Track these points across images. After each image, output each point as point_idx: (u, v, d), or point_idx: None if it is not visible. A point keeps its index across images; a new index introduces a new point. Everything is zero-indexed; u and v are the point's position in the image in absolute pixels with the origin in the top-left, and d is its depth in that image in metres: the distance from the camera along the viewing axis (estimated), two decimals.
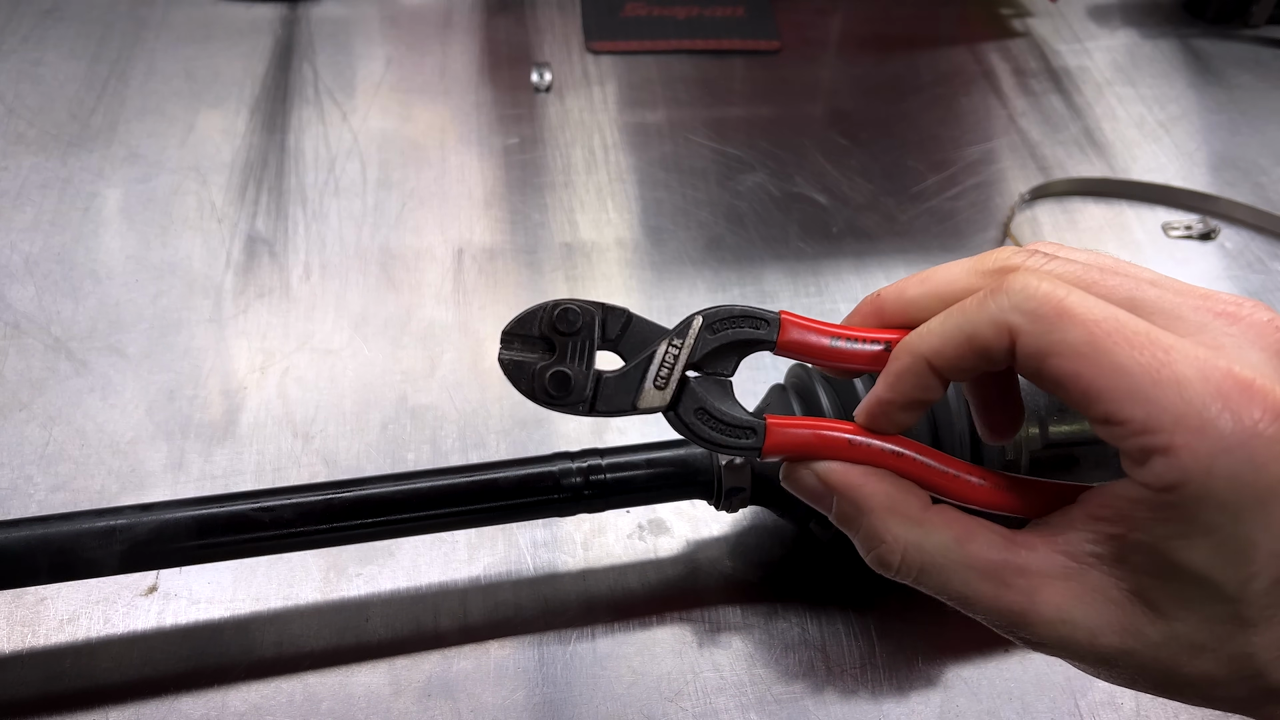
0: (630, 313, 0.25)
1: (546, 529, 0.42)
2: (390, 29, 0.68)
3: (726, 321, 0.25)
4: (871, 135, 0.63)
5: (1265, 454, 0.20)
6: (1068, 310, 0.21)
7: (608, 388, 0.25)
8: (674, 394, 0.25)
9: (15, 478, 0.42)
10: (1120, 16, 0.76)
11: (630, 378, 0.25)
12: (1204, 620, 0.22)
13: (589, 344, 0.25)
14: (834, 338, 0.25)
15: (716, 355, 0.25)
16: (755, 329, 0.25)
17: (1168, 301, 0.22)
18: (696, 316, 0.25)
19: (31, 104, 0.60)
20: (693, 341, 0.25)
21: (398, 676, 0.37)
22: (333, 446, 0.45)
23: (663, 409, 0.25)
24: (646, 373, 0.25)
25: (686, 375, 0.25)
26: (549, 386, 0.25)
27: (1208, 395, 0.20)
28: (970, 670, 0.39)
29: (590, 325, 0.25)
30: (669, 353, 0.25)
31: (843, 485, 0.24)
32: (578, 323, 0.25)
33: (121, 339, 0.48)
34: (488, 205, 0.57)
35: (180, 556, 0.34)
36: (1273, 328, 0.22)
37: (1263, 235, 0.59)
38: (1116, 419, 0.21)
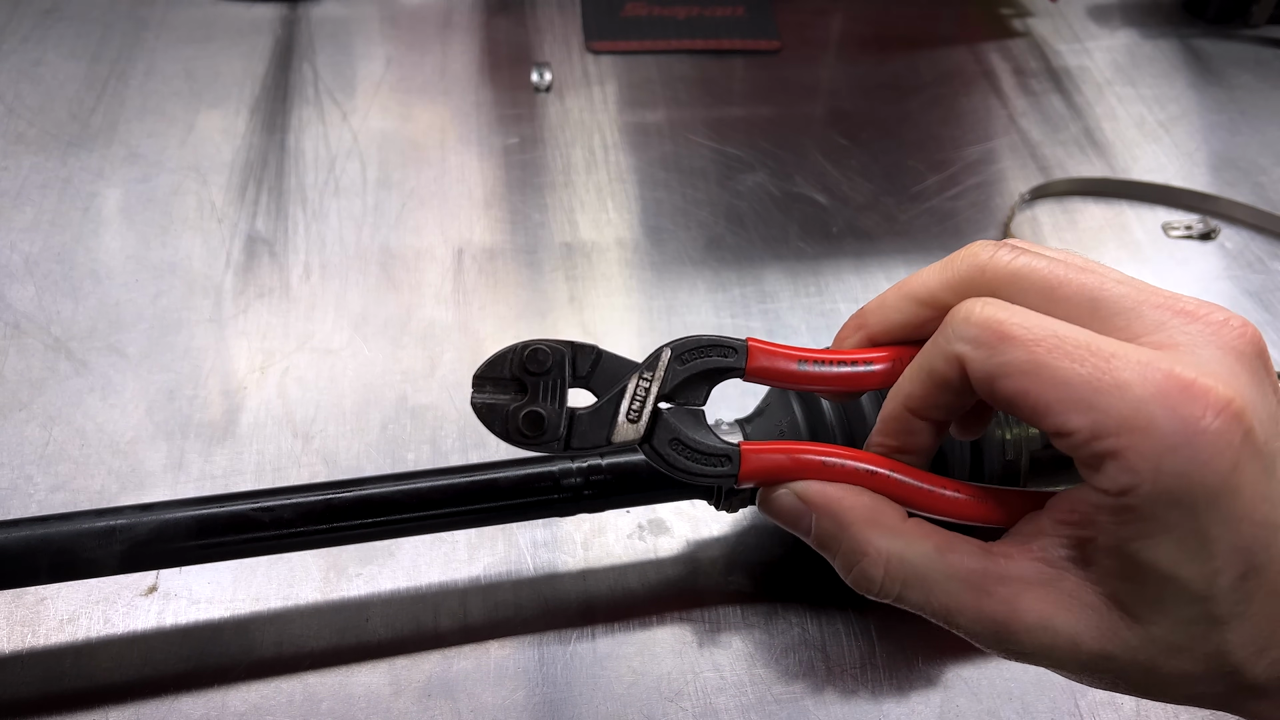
0: (599, 349, 0.26)
1: (546, 529, 0.42)
2: (390, 29, 0.68)
3: (695, 352, 0.25)
4: (871, 135, 0.63)
5: (1210, 450, 0.20)
6: (1007, 333, 0.22)
7: (581, 424, 0.25)
8: (647, 427, 0.25)
9: (15, 477, 0.42)
10: (1120, 16, 0.76)
11: (603, 413, 0.25)
12: (1178, 621, 0.22)
13: (560, 382, 0.26)
14: (801, 361, 0.25)
15: (687, 386, 0.25)
16: (724, 357, 0.25)
17: (1130, 300, 0.23)
18: (665, 349, 0.25)
19: (31, 104, 0.60)
20: (663, 374, 0.25)
21: (398, 676, 0.37)
22: (333, 446, 0.45)
23: (637, 442, 0.25)
24: (619, 408, 0.25)
25: (659, 407, 0.25)
26: (523, 427, 0.25)
27: (1149, 397, 0.20)
28: (970, 670, 0.39)
29: (560, 364, 0.26)
30: (640, 386, 0.25)
31: (822, 502, 0.25)
32: (547, 362, 0.25)
33: (121, 339, 0.48)
34: (488, 205, 0.57)
35: (180, 556, 0.34)
36: (1229, 327, 0.22)
37: (1263, 235, 0.59)
38: (1065, 430, 0.22)
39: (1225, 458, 0.20)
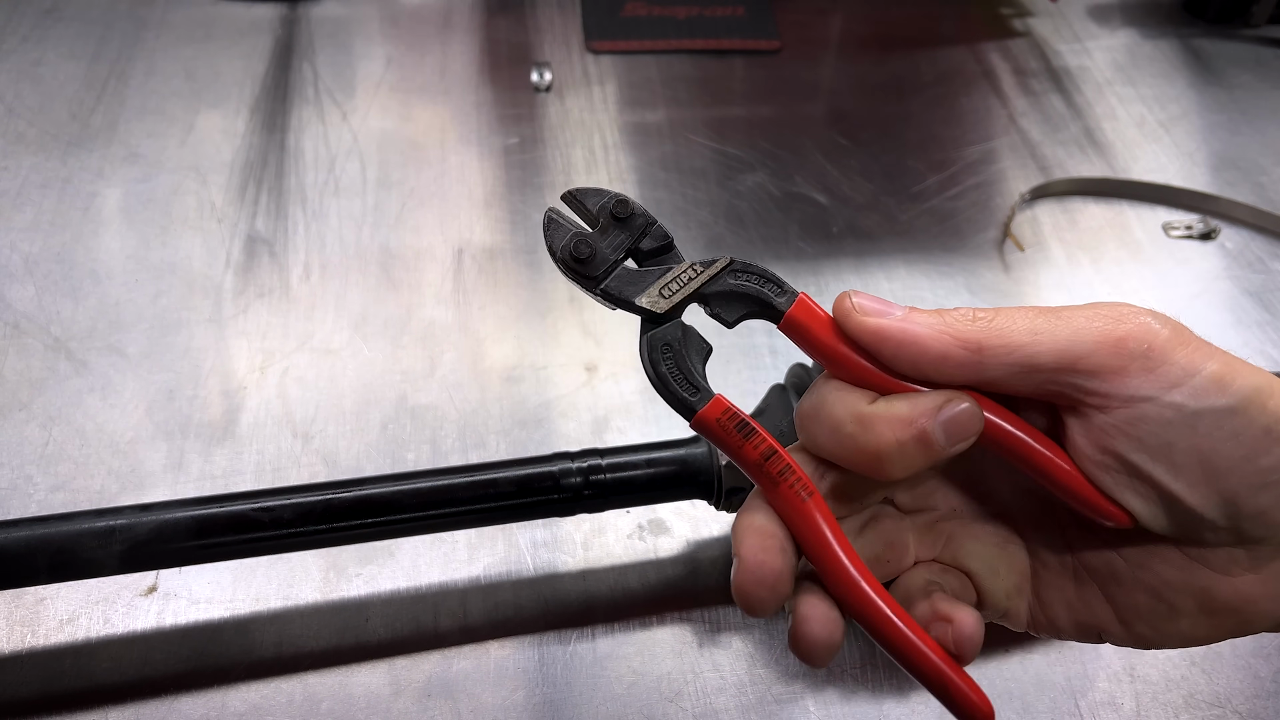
0: (673, 241, 0.26)
1: (546, 529, 0.42)
2: (390, 29, 0.68)
3: (751, 274, 0.26)
4: (872, 135, 0.63)
5: (1145, 325, 0.23)
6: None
7: (621, 278, 0.26)
8: (670, 309, 0.26)
9: (15, 477, 0.42)
10: (1121, 16, 0.76)
11: (644, 277, 0.26)
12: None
13: (629, 239, 0.26)
14: (838, 343, 0.25)
15: (727, 298, 0.26)
16: (772, 294, 0.26)
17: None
18: (727, 256, 0.26)
19: (31, 104, 0.60)
20: (714, 273, 0.26)
21: (397, 676, 0.37)
22: (332, 446, 0.45)
23: (655, 315, 0.26)
24: (661, 279, 0.26)
25: (689, 305, 0.26)
26: (573, 252, 0.25)
27: (1086, 326, 0.23)
28: (970, 670, 0.39)
29: (642, 228, 0.26)
30: (687, 273, 0.26)
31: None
32: (633, 219, 0.26)
33: (121, 339, 0.48)
34: (488, 205, 0.57)
35: (180, 556, 0.34)
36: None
37: (1263, 235, 0.59)
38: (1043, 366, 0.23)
39: (1160, 325, 0.23)
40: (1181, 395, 0.23)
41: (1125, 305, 0.24)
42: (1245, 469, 0.23)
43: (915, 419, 0.23)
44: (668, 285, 0.26)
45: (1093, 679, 0.39)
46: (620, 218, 0.26)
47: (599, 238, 0.26)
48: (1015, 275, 0.56)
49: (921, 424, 0.23)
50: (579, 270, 0.25)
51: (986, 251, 0.57)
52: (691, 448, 0.37)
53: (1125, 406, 0.23)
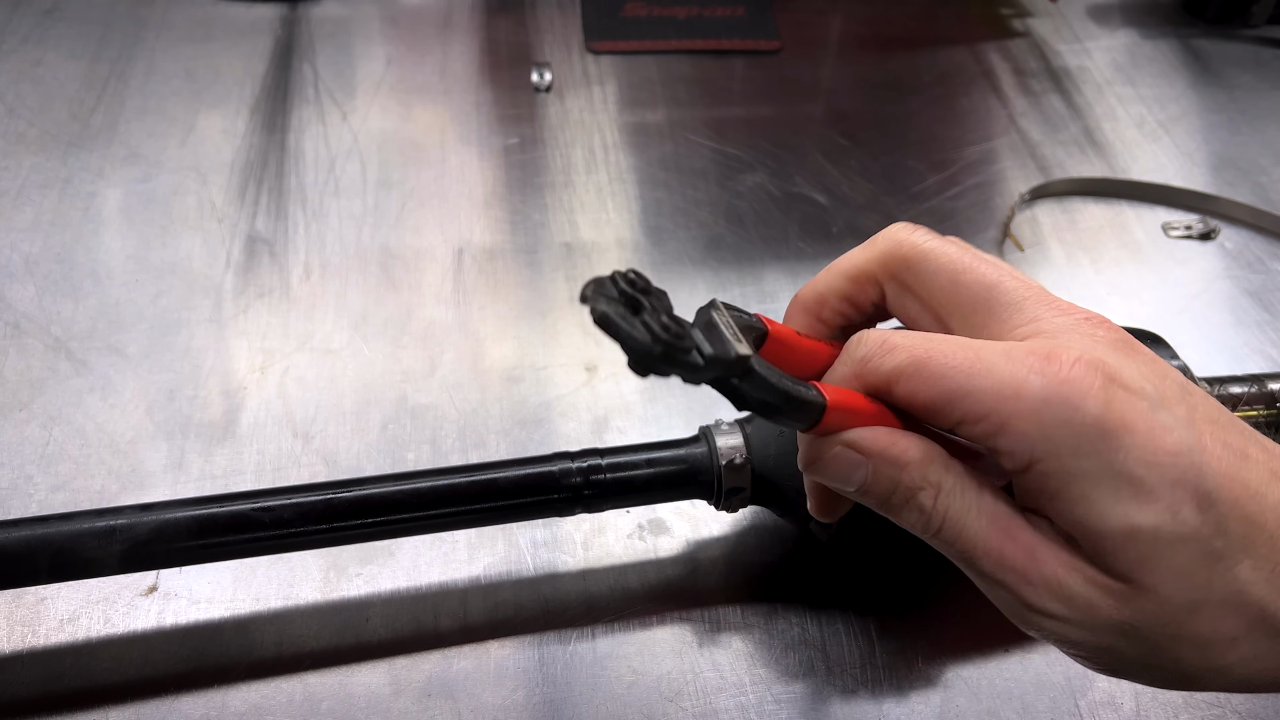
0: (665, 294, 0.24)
1: (546, 529, 0.42)
2: (390, 29, 0.68)
3: (735, 311, 0.26)
4: (871, 135, 0.63)
5: (1077, 391, 0.22)
6: (893, 343, 0.25)
7: (700, 340, 0.23)
8: (751, 346, 0.25)
9: (15, 477, 0.42)
10: (1120, 16, 0.76)
11: (711, 335, 0.23)
12: (1175, 572, 0.22)
13: (666, 303, 0.23)
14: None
15: (743, 332, 0.25)
16: (752, 323, 0.26)
17: (1019, 294, 0.26)
18: (716, 301, 0.25)
19: (31, 104, 0.60)
20: (730, 315, 0.25)
21: (398, 676, 0.37)
22: (333, 446, 0.45)
23: (751, 357, 0.24)
24: (722, 331, 0.23)
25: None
26: (670, 329, 0.21)
27: (1015, 368, 0.23)
28: (970, 670, 0.39)
29: (660, 292, 0.24)
30: (724, 318, 0.24)
31: (879, 449, 0.25)
32: (650, 286, 0.23)
33: (122, 339, 0.48)
34: (488, 205, 0.57)
35: (181, 556, 0.34)
36: (1094, 322, 0.25)
37: (1263, 235, 0.59)
38: (954, 419, 0.24)
39: (1094, 395, 0.22)
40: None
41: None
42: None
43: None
44: (733, 333, 0.24)
45: (1093, 679, 0.39)
46: (645, 290, 0.22)
47: (658, 312, 0.22)
48: None
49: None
50: (681, 346, 0.21)
51: (986, 252, 0.57)
52: (692, 447, 0.37)
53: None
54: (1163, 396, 0.23)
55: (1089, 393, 0.22)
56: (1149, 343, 0.39)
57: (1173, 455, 0.22)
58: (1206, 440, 0.23)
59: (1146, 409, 0.23)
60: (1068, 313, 0.25)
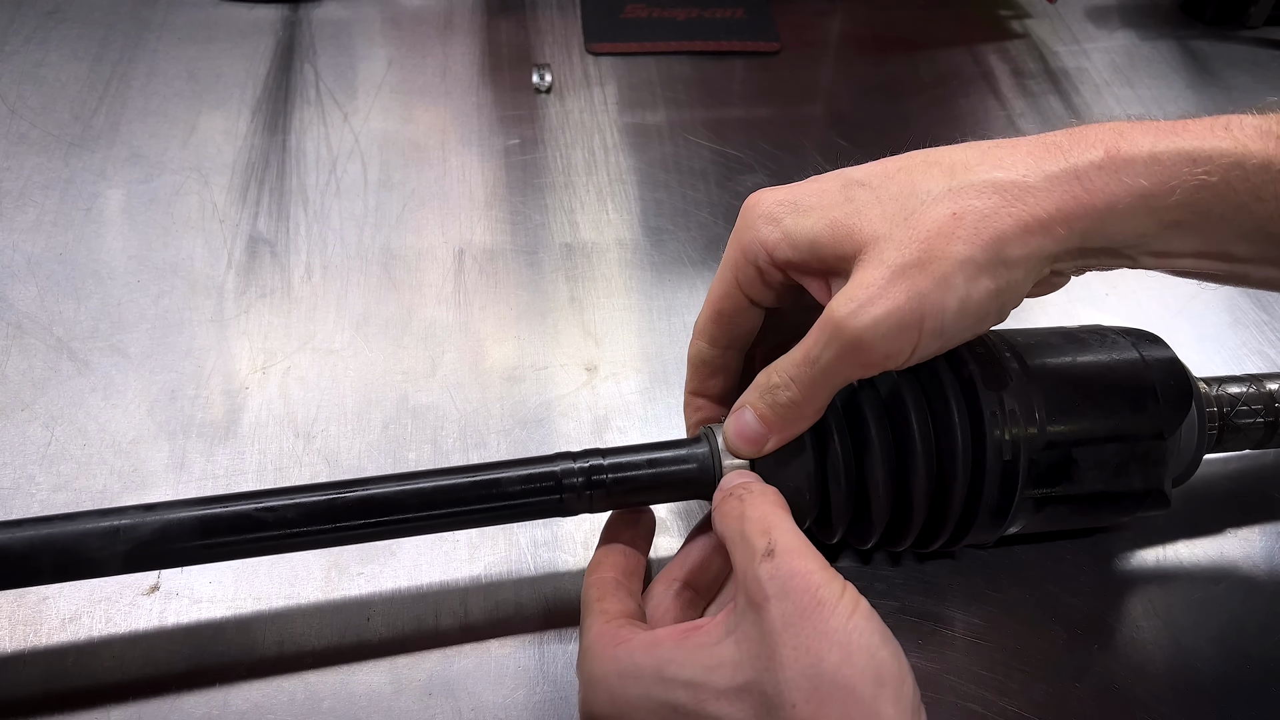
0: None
1: (547, 528, 0.42)
2: (391, 30, 0.68)
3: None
4: (871, 136, 0.63)
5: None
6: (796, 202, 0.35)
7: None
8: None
9: (18, 477, 0.42)
10: (1118, 18, 0.76)
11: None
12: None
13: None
14: None
15: None
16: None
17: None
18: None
19: (34, 105, 0.60)
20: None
21: (399, 675, 0.37)
22: (334, 446, 0.45)
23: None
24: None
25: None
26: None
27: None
28: (969, 669, 0.39)
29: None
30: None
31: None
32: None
33: (123, 339, 0.48)
34: (488, 206, 0.57)
35: (184, 556, 0.34)
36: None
37: None
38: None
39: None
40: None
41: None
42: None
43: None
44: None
45: (1093, 679, 0.39)
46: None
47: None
48: None
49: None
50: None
51: None
52: (693, 447, 0.37)
53: None
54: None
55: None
56: (1148, 343, 0.40)
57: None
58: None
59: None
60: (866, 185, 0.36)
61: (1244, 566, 0.43)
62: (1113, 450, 0.37)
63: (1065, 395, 0.37)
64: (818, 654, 0.27)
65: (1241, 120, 0.29)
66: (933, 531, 0.38)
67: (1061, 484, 0.37)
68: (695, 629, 0.30)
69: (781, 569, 0.29)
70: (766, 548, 0.29)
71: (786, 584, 0.28)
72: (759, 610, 0.28)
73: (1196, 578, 0.43)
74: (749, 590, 0.29)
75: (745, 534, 0.31)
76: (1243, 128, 0.29)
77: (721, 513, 0.33)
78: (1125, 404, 0.37)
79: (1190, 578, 0.43)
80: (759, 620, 0.28)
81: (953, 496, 0.36)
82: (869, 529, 0.38)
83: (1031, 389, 0.36)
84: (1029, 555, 0.43)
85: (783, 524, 0.31)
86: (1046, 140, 0.31)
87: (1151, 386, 0.38)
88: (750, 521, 0.31)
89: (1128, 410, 0.37)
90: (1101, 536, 0.44)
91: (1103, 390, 0.37)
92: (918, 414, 0.36)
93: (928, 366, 0.37)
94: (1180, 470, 0.40)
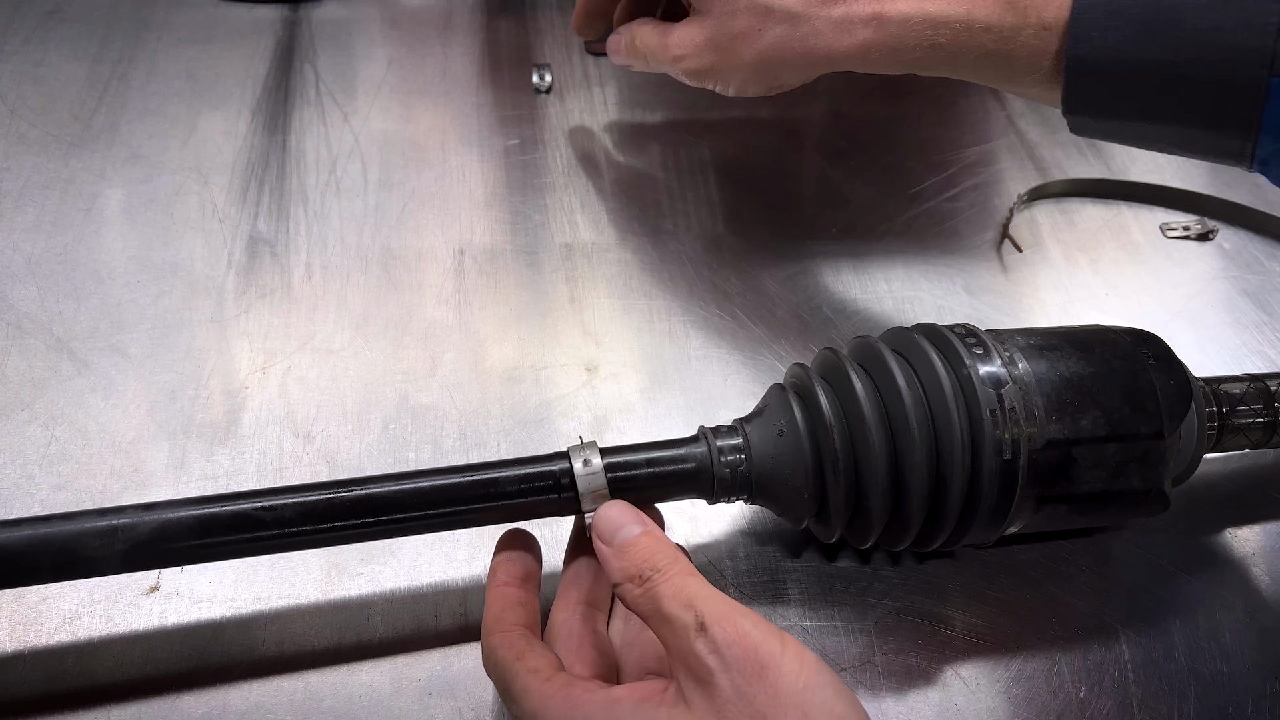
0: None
1: (547, 528, 0.42)
2: (391, 31, 0.68)
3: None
4: (870, 137, 0.63)
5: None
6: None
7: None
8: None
9: (17, 477, 0.42)
10: None
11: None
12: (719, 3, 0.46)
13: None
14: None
15: None
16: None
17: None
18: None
19: (34, 105, 0.60)
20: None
21: (399, 675, 0.37)
22: (334, 446, 0.45)
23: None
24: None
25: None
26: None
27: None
28: (968, 669, 0.39)
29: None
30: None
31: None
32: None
33: (123, 339, 0.48)
34: (488, 206, 0.57)
35: (182, 556, 0.34)
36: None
37: (1260, 236, 0.60)
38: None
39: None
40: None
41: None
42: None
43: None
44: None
45: (1093, 678, 0.39)
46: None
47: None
48: (1013, 276, 0.56)
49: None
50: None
51: (985, 253, 0.57)
52: (691, 447, 0.37)
53: None
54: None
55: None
56: (1147, 343, 0.40)
57: None
58: None
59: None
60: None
61: (1243, 567, 0.43)
62: (1112, 450, 0.37)
63: (1065, 395, 0.37)
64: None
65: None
66: (932, 531, 0.38)
67: (1061, 483, 0.37)
68: (655, 691, 0.29)
69: (717, 639, 0.28)
70: (695, 621, 0.28)
71: (726, 654, 0.27)
72: (706, 686, 0.27)
73: (1196, 578, 0.43)
74: (689, 667, 0.28)
75: (667, 613, 0.29)
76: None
77: (631, 597, 0.31)
78: (1125, 404, 0.37)
79: (1190, 578, 0.43)
80: (708, 694, 0.27)
81: (951, 495, 0.36)
82: (868, 528, 0.38)
83: (1031, 388, 0.36)
84: (1029, 555, 0.43)
85: (701, 591, 0.30)
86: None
87: (1151, 386, 0.38)
88: (668, 599, 0.29)
89: (1127, 410, 0.37)
90: (1101, 536, 0.44)
91: (1102, 390, 0.37)
92: (917, 412, 0.36)
93: (927, 365, 0.37)
94: (1180, 470, 0.40)
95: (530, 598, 0.35)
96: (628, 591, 0.31)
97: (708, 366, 0.49)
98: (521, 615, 0.34)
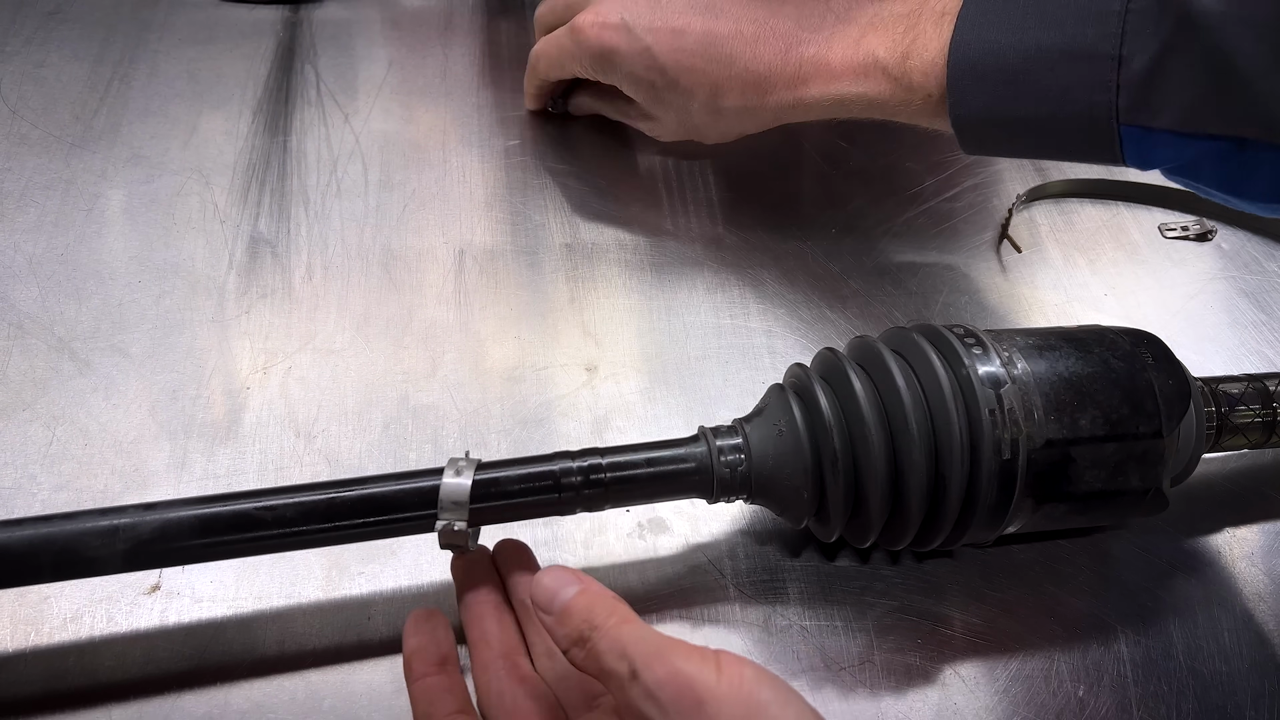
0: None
1: (547, 527, 0.42)
2: (392, 31, 0.68)
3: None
4: (869, 137, 0.64)
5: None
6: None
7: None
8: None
9: (19, 477, 0.43)
10: None
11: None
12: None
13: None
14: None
15: None
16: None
17: None
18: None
19: (35, 105, 0.60)
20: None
21: (399, 674, 0.37)
22: (335, 446, 0.45)
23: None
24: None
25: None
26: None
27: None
28: (967, 668, 0.39)
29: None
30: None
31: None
32: None
33: (125, 339, 0.48)
34: (489, 206, 0.57)
35: (183, 555, 0.34)
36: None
37: (1259, 236, 0.60)
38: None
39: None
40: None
41: None
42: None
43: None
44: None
45: (1094, 678, 0.39)
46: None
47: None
48: (1012, 276, 0.56)
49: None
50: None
51: (984, 253, 0.57)
52: (691, 447, 0.37)
53: None
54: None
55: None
56: (1146, 343, 0.40)
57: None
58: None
59: None
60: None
61: (1242, 566, 0.44)
62: (1111, 449, 0.37)
63: (1064, 394, 0.37)
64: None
65: (884, 67, 0.45)
66: (931, 530, 0.38)
67: (1060, 483, 0.37)
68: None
69: (649, 684, 0.28)
70: (629, 670, 0.28)
71: (660, 696, 0.27)
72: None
73: (1195, 578, 0.43)
74: (634, 716, 0.28)
75: (606, 668, 0.29)
76: (880, 76, 0.45)
77: (578, 661, 0.31)
78: (1124, 403, 0.37)
79: (1188, 577, 0.43)
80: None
81: (950, 495, 0.36)
82: (867, 527, 0.38)
83: (1030, 388, 0.37)
84: (1028, 555, 0.43)
85: (633, 635, 0.29)
86: (790, 51, 0.48)
87: (1150, 386, 0.38)
88: (605, 655, 0.29)
89: (1126, 410, 0.37)
90: (1101, 536, 0.44)
91: (1101, 389, 0.37)
92: (916, 412, 0.36)
93: (926, 365, 0.37)
94: (1178, 470, 0.40)
95: (454, 680, 0.35)
96: (574, 656, 0.30)
97: (708, 366, 0.50)
98: (451, 703, 0.34)
